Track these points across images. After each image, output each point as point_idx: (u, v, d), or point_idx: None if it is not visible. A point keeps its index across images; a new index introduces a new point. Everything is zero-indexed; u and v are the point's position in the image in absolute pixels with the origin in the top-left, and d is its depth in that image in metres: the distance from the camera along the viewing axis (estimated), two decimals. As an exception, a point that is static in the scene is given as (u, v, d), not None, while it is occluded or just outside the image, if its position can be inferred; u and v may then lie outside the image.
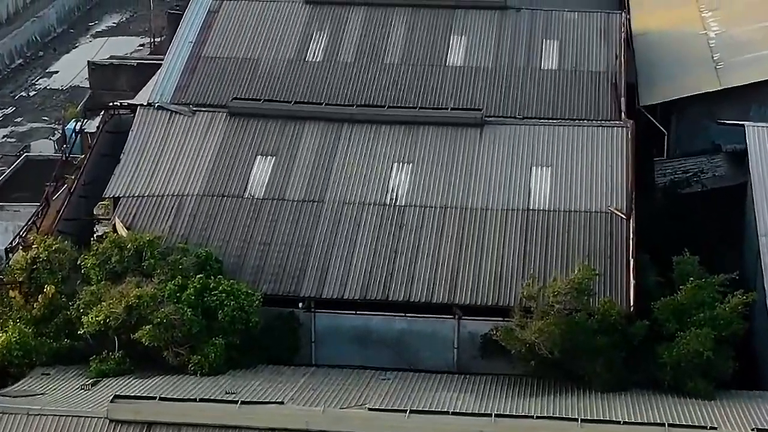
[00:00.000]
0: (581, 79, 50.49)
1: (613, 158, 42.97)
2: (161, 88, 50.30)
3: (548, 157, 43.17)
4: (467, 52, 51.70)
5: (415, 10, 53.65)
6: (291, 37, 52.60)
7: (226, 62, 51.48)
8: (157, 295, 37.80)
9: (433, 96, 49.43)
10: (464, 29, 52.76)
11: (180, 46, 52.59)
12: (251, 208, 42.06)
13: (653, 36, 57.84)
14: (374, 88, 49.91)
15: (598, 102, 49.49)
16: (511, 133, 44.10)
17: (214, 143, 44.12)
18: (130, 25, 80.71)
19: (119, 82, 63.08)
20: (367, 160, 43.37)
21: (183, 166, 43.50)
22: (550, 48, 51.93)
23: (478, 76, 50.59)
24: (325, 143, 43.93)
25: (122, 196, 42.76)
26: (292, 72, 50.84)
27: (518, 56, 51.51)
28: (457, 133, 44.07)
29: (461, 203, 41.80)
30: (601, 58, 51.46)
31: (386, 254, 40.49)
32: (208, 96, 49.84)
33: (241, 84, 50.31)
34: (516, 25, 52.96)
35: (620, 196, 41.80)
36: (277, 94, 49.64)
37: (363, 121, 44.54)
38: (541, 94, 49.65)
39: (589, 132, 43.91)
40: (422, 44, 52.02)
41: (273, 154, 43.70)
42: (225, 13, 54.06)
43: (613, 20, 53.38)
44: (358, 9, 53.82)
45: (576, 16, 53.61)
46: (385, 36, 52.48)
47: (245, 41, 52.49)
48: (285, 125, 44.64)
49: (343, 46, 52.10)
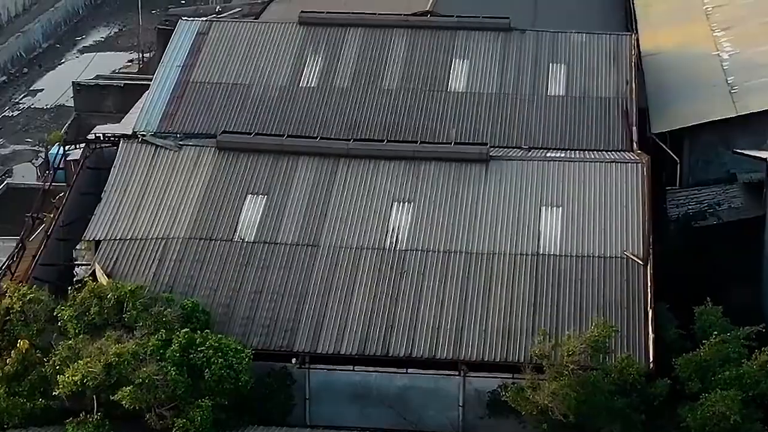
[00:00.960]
0: (590, 106, 47.31)
1: (628, 198, 39.67)
2: (147, 116, 47.10)
3: (558, 196, 39.85)
4: (470, 76, 48.47)
5: (415, 31, 50.41)
6: (284, 61, 49.37)
7: (215, 88, 48.26)
8: (139, 352, 34.50)
9: (434, 124, 46.27)
10: (466, 52, 49.51)
11: (167, 70, 49.33)
12: (241, 252, 38.75)
13: (663, 56, 54.49)
14: (372, 115, 46.71)
15: (609, 131, 46.33)
16: (518, 169, 40.76)
17: (202, 181, 40.78)
18: (118, 40, 76.98)
19: (105, 104, 59.73)
20: (365, 199, 40.04)
21: (168, 206, 40.17)
22: (557, 72, 48.70)
23: (482, 102, 47.39)
24: (320, 181, 40.60)
25: (103, 239, 39.44)
26: (285, 98, 47.63)
27: (523, 81, 48.29)
28: (460, 169, 40.74)
29: (466, 247, 38.49)
30: (610, 83, 48.26)
31: (386, 304, 37.20)
32: (197, 124, 46.67)
33: (231, 112, 47.11)
34: (521, 48, 49.72)
35: (636, 239, 38.53)
36: (269, 122, 46.52)
37: (360, 156, 41.22)
38: (547, 122, 46.50)
39: (601, 169, 40.58)
40: (422, 68, 48.79)
41: (264, 192, 40.37)
42: (215, 35, 50.80)
43: (623, 42, 50.14)
44: (354, 30, 50.55)
45: (584, 38, 50.35)
46: (383, 59, 49.25)
47: (236, 65, 49.24)
48: (277, 161, 41.30)
49: (339, 70, 48.86)
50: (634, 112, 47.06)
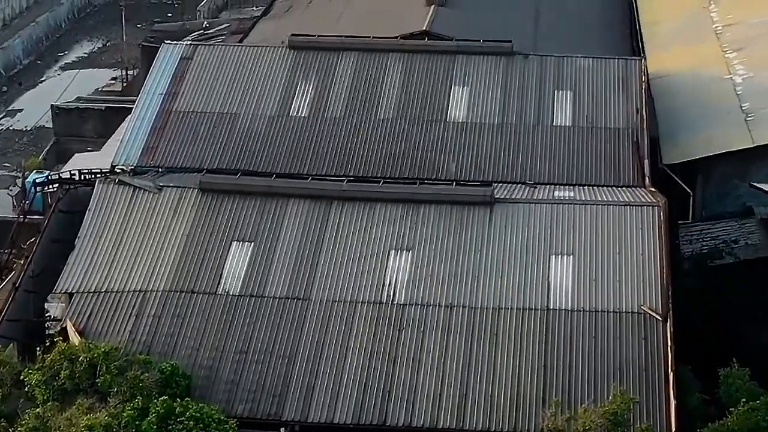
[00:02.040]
0: (598, 137, 43.78)
1: (644, 245, 36.13)
2: (127, 150, 43.61)
3: (569, 244, 36.30)
4: (470, 105, 44.92)
5: (412, 56, 46.81)
6: (273, 88, 45.80)
7: (200, 117, 44.69)
8: (112, 424, 31.01)
9: (433, 157, 42.74)
10: (467, 78, 45.94)
11: (149, 99, 45.75)
12: (225, 307, 35.15)
13: (673, 79, 50.94)
14: (366, 148, 43.16)
15: (619, 164, 42.80)
16: (526, 213, 37.18)
17: (183, 226, 37.16)
18: (102, 56, 72.95)
19: (85, 128, 56.03)
20: (360, 247, 36.44)
21: (147, 254, 36.57)
22: (563, 100, 45.15)
23: (483, 133, 43.85)
24: (311, 226, 37.01)
25: (76, 291, 35.84)
26: (274, 129, 44.10)
27: (527, 110, 44.75)
28: (463, 213, 37.18)
29: (470, 301, 34.93)
30: (620, 112, 44.72)
31: (383, 366, 33.67)
32: (179, 158, 43.17)
33: (216, 144, 43.55)
34: (524, 74, 46.15)
35: (654, 292, 35.01)
36: (256, 156, 42.99)
37: (355, 198, 37.63)
38: (553, 155, 42.97)
39: (615, 213, 37.04)
40: (420, 96, 45.24)
41: (251, 239, 36.77)
42: (200, 60, 47.19)
43: (632, 68, 46.58)
44: (348, 55, 46.96)
45: (590, 63, 46.79)
46: (378, 86, 45.67)
47: (222, 93, 45.65)
48: (265, 204, 37.71)
49: (331, 98, 45.29)
50: (645, 143, 43.55)
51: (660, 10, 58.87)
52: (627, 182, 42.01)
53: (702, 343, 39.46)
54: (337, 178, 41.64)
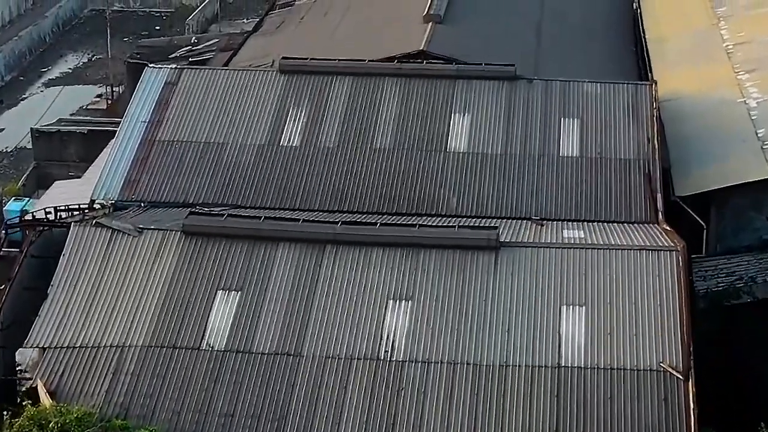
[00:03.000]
0: (608, 168, 40.87)
1: (663, 295, 33.05)
2: (107, 183, 40.85)
3: (581, 293, 33.21)
4: (471, 134, 41.97)
5: (410, 80, 43.84)
6: (263, 115, 42.89)
7: (185, 147, 41.79)
8: (85, 499, 28.03)
9: (432, 191, 39.96)
10: (467, 105, 42.97)
11: (131, 127, 42.81)
12: (209, 364, 32.01)
13: (683, 103, 47.93)
14: (362, 182, 40.30)
15: (630, 199, 39.92)
16: (534, 259, 34.08)
17: (165, 274, 34.03)
18: (87, 72, 69.55)
19: (67, 152, 52.91)
20: (356, 297, 33.33)
21: (125, 305, 33.43)
22: (570, 129, 42.20)
23: (485, 165, 40.93)
24: (303, 273, 33.90)
25: (48, 346, 32.73)
26: (264, 160, 41.21)
27: (532, 140, 41.80)
28: (466, 259, 34.07)
29: (474, 358, 31.84)
30: (630, 141, 41.79)
31: (381, 430, 30.58)
32: (163, 192, 40.41)
33: (202, 176, 40.71)
34: (528, 101, 43.18)
35: (674, 347, 31.93)
36: (244, 190, 40.22)
37: (350, 242, 34.52)
38: (560, 188, 40.11)
39: (630, 258, 33.93)
40: (418, 124, 42.30)
41: (237, 288, 33.67)
42: (185, 85, 44.19)
43: (642, 93, 43.62)
44: (342, 79, 43.95)
45: (598, 88, 43.79)
46: (374, 113, 42.73)
47: (208, 121, 42.72)
48: (253, 248, 34.57)
49: (324, 126, 42.33)
50: (657, 176, 40.59)
51: (666, 26, 55.88)
52: (639, 218, 39.18)
53: (720, 391, 36.74)
54: (331, 213, 38.95)
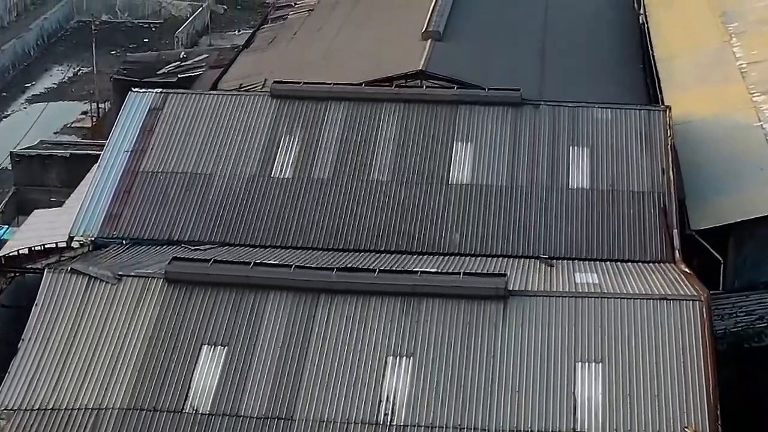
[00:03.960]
0: (620, 202, 37.98)
1: (686, 350, 30.09)
2: (87, 218, 38.04)
3: (597, 348, 30.24)
4: (475, 164, 39.05)
5: (409, 106, 40.91)
6: (253, 144, 40.01)
7: (170, 179, 38.92)
8: None
9: (433, 227, 37.13)
10: (470, 133, 40.06)
11: (113, 157, 39.90)
12: (194, 429, 29.01)
13: (696, 126, 44.90)
14: (358, 217, 37.46)
15: (644, 235, 37.03)
16: (546, 309, 31.09)
17: (146, 326, 31.01)
18: (72, 87, 66.32)
19: (48, 177, 49.95)
20: (352, 353, 30.32)
21: (102, 362, 30.38)
22: (580, 159, 39.30)
23: (490, 198, 38.03)
24: (295, 326, 30.90)
25: (18, 408, 29.72)
26: (254, 194, 38.35)
27: (540, 170, 38.90)
28: (473, 309, 31.10)
29: (482, 422, 28.81)
30: (643, 172, 38.89)
31: (380, 507, 27.76)
32: (147, 227, 37.60)
33: (188, 211, 37.87)
34: (535, 128, 40.27)
35: (699, 408, 28.97)
36: (233, 227, 37.42)
37: (346, 291, 31.53)
38: (570, 224, 37.24)
39: (649, 309, 30.97)
40: (418, 154, 39.41)
41: (224, 343, 30.66)
42: (171, 110, 41.25)
43: (656, 120, 40.71)
44: (337, 105, 41.02)
45: (609, 114, 40.87)
46: (371, 142, 39.82)
47: (195, 150, 39.83)
48: (241, 298, 31.57)
49: (318, 156, 39.44)
50: (673, 210, 37.68)
51: (676, 43, 52.81)
52: (654, 256, 36.31)
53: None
54: (325, 251, 36.10)
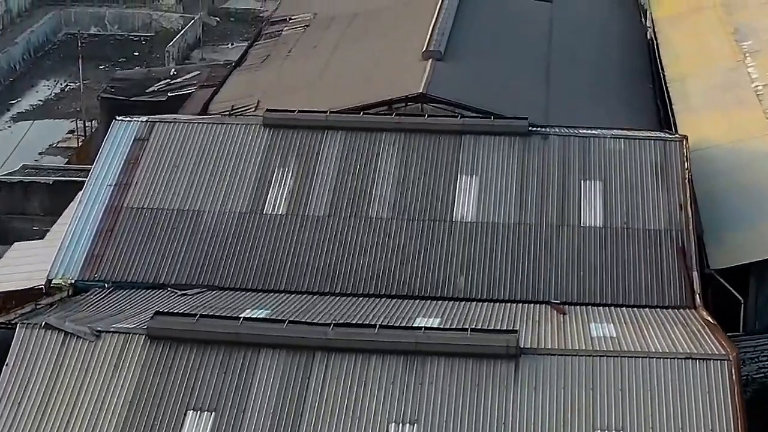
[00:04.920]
0: (635, 241, 35.32)
1: (714, 416, 27.35)
2: (66, 259, 35.46)
3: (617, 413, 27.44)
4: (481, 200, 36.38)
5: (410, 136, 38.24)
6: (245, 178, 37.38)
7: (156, 216, 36.31)
8: None
9: (436, 269, 34.57)
10: (475, 165, 37.39)
11: (95, 191, 37.23)
12: (177, 507, 26.37)
13: (711, 154, 42.27)
14: (355, 258, 34.86)
15: (661, 278, 34.42)
16: (560, 369, 28.31)
17: (126, 389, 28.19)
18: (59, 104, 63.32)
19: (31, 205, 47.18)
20: (350, 420, 27.55)
21: (77, 428, 27.59)
22: (592, 194, 36.61)
23: (497, 237, 35.40)
24: (288, 389, 28.08)
25: (-15, 481, 27.06)
26: (245, 231, 35.75)
27: (549, 207, 36.22)
28: (481, 369, 28.33)
29: (493, 498, 26.21)
30: (660, 208, 36.23)
31: None
32: (130, 269, 35.05)
33: (174, 252, 35.28)
34: (544, 160, 37.58)
35: (730, 482, 26.32)
36: (222, 269, 34.90)
37: (343, 349, 28.77)
38: (583, 266, 34.63)
39: (673, 369, 28.22)
40: (420, 188, 36.79)
41: (211, 408, 27.85)
42: (157, 141, 38.53)
43: (672, 150, 37.99)
44: (334, 135, 38.34)
45: (622, 145, 38.17)
46: (370, 176, 37.19)
47: (183, 184, 37.17)
48: (230, 356, 28.78)
49: (314, 191, 36.79)
50: (692, 250, 34.98)
51: (687, 62, 50.12)
52: (673, 301, 33.72)
53: None
54: (321, 295, 33.50)
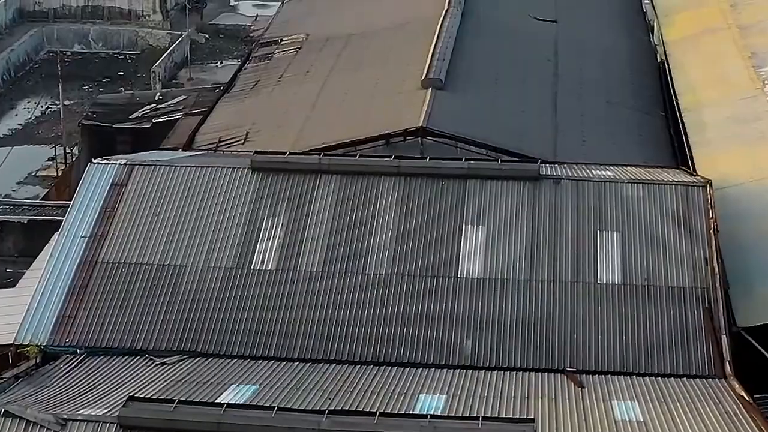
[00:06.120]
0: (658, 301, 31.93)
1: None
2: (35, 321, 32.17)
3: None
4: (488, 254, 32.94)
5: (411, 181, 34.78)
6: (231, 228, 33.92)
7: (133, 272, 32.88)
8: None
9: (440, 332, 31.20)
10: (482, 214, 33.94)
11: (67, 244, 33.76)
12: None
13: (734, 195, 38.62)
14: (352, 321, 31.55)
15: (687, 343, 31.09)
16: (583, 463, 25.01)
17: (94, 490, 24.87)
18: (39, 128, 59.40)
19: (5, 246, 43.73)
20: None
21: None
22: (609, 246, 33.17)
23: (506, 296, 32.03)
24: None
25: None
26: (231, 290, 32.40)
27: (563, 261, 32.80)
28: (494, 464, 24.96)
29: None
30: (683, 263, 32.79)
31: None
32: (105, 333, 31.81)
33: (153, 313, 31.96)
34: (557, 208, 34.11)
35: None
36: (206, 332, 31.44)
37: (340, 440, 25.36)
38: (600, 329, 31.31)
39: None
40: (422, 240, 33.37)
41: None
42: (136, 187, 35.06)
43: (695, 198, 34.51)
44: (327, 180, 34.90)
45: (641, 191, 34.68)
46: (368, 226, 33.77)
47: (163, 235, 33.71)
48: (212, 449, 25.37)
49: (306, 243, 33.39)
50: (720, 311, 31.57)
51: (702, 89, 46.65)
52: (700, 369, 30.44)
53: None
54: (314, 362, 30.13)
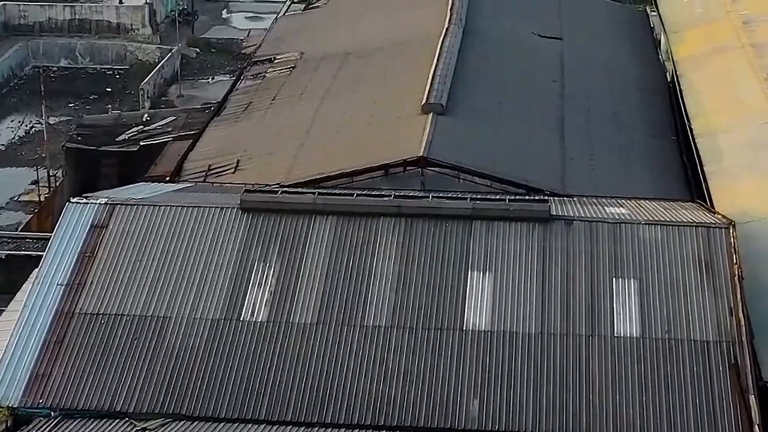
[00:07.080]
0: (679, 356, 29.40)
1: None
2: (6, 379, 29.75)
3: None
4: (496, 304, 30.37)
5: (412, 222, 32.18)
6: (219, 275, 31.37)
7: (113, 324, 30.39)
8: None
9: (445, 392, 28.60)
10: (489, 259, 31.32)
11: (43, 292, 31.14)
12: None
13: (755, 231, 35.96)
14: (349, 379, 28.99)
15: (712, 403, 28.53)
16: None
17: None
18: (23, 149, 56.44)
19: (-17, 280, 41.12)
20: None
21: None
22: (626, 295, 30.58)
23: (515, 351, 29.49)
24: None
25: None
26: (218, 346, 29.91)
27: (577, 312, 30.20)
28: None
29: None
30: (706, 313, 30.20)
31: None
32: (81, 394, 29.30)
33: (134, 370, 29.50)
34: (569, 252, 31.47)
35: None
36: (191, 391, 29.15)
37: None
38: (618, 388, 28.82)
39: None
40: (424, 289, 30.78)
41: None
42: (117, 228, 32.45)
43: (717, 241, 31.87)
44: (323, 220, 32.27)
45: (658, 233, 32.06)
46: (366, 273, 31.17)
47: (146, 283, 31.11)
48: None
49: (300, 292, 30.83)
50: (747, 366, 28.95)
51: (716, 113, 43.98)
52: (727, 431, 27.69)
53: None
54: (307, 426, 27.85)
